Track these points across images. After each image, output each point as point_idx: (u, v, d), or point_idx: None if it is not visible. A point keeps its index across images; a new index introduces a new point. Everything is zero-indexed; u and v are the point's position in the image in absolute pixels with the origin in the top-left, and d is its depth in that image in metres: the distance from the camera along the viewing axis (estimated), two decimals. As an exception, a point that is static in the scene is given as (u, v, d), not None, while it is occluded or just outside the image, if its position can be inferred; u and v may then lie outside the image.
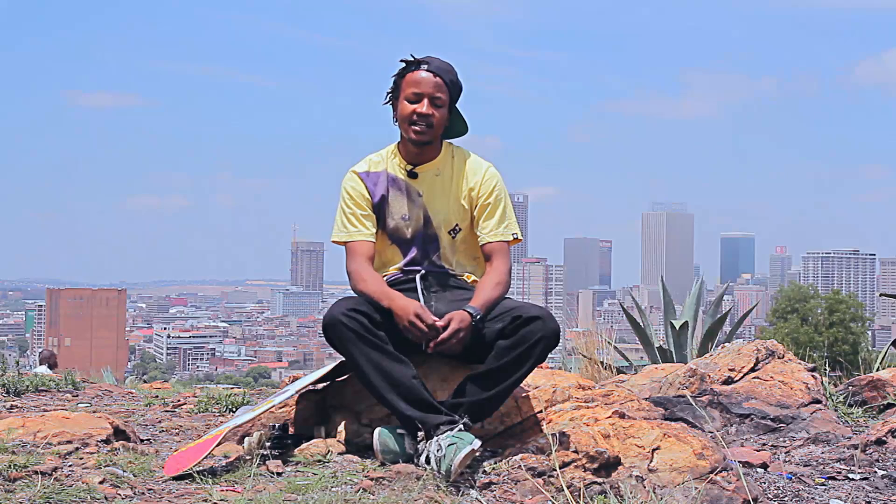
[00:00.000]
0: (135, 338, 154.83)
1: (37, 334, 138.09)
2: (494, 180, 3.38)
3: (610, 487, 2.68)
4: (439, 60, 3.29)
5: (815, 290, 29.99)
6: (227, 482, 2.78)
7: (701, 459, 2.78)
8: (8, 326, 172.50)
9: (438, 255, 3.36)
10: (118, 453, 3.08)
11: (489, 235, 3.35)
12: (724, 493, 2.63)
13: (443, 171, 3.36)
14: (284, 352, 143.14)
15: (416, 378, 3.04)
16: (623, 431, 2.94)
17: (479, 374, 3.09)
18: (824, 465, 3.19)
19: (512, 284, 3.35)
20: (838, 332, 25.45)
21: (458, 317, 3.06)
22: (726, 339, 7.24)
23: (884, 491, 2.90)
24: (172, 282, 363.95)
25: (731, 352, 4.21)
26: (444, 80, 3.26)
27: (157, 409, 4.38)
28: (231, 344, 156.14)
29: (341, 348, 3.08)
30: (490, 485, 2.78)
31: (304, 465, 3.00)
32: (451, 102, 3.32)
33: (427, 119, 3.24)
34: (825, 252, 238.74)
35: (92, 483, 2.66)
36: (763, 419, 3.70)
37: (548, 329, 3.06)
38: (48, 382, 4.95)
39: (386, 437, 3.03)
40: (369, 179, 3.38)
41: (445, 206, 3.35)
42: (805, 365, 4.09)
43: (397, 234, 3.37)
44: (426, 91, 3.24)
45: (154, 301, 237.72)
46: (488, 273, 3.30)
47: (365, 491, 2.68)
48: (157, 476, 2.86)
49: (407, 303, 3.10)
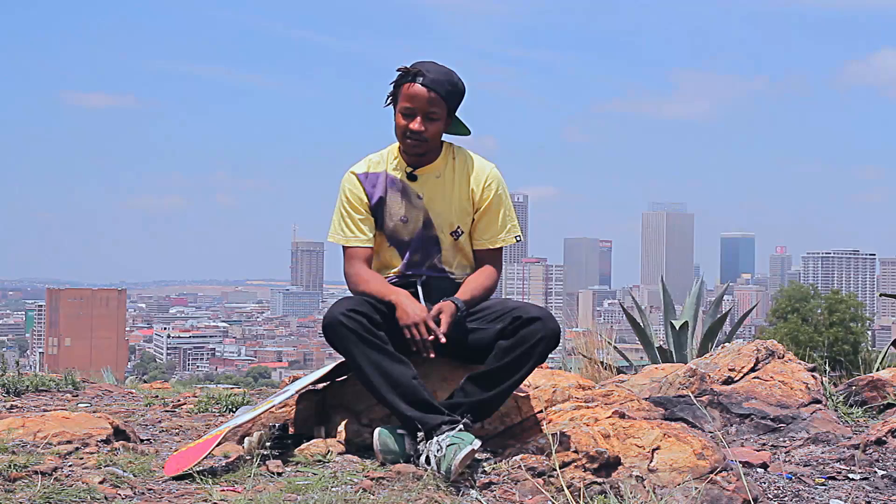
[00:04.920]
0: (135, 338, 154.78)
1: (37, 334, 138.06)
2: (496, 183, 3.37)
3: (610, 487, 2.68)
4: (437, 69, 3.21)
5: (815, 290, 29.97)
6: (227, 482, 2.79)
7: (701, 459, 2.78)
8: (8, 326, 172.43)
9: (440, 257, 3.36)
10: (118, 453, 3.08)
11: (489, 241, 3.37)
12: (724, 493, 2.63)
13: (444, 173, 3.35)
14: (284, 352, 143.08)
15: (417, 378, 3.05)
16: (623, 431, 2.94)
17: (480, 375, 3.09)
18: (824, 465, 3.19)
19: (512, 284, 3.37)
20: (838, 332, 25.43)
21: (447, 309, 3.11)
22: (726, 339, 7.24)
23: (884, 491, 2.90)
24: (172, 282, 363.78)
25: (731, 352, 4.21)
26: (439, 93, 3.18)
27: (157, 409, 4.38)
28: (231, 344, 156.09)
29: (341, 348, 3.08)
30: (490, 485, 2.78)
31: (304, 465, 3.00)
32: (451, 110, 3.27)
33: (418, 136, 3.22)
34: (825, 252, 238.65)
35: (92, 483, 2.66)
36: (763, 419, 3.70)
37: (548, 329, 3.06)
38: (48, 382, 4.95)
39: (386, 437, 3.03)
40: (367, 181, 3.37)
41: (447, 209, 3.34)
42: (805, 365, 4.10)
43: (395, 235, 3.37)
44: (419, 107, 3.19)
45: (154, 301, 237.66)
46: (481, 272, 3.34)
47: (365, 491, 2.68)
48: (157, 476, 2.87)
49: (415, 305, 3.11)
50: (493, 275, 3.34)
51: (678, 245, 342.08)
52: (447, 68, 3.26)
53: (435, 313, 3.10)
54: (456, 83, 3.25)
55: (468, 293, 3.22)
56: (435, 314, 3.09)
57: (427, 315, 3.08)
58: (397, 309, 3.11)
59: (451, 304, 3.13)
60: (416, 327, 3.05)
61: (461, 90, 3.27)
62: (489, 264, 3.37)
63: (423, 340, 3.04)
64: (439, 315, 3.09)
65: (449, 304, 3.13)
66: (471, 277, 3.33)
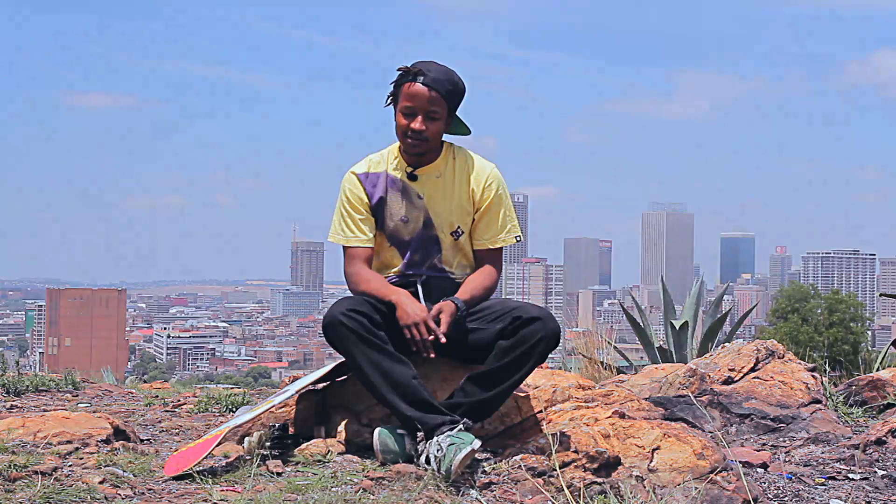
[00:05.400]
0: (135, 338, 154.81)
1: (37, 334, 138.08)
2: (496, 183, 3.37)
3: (610, 487, 2.68)
4: (437, 69, 3.22)
5: (815, 290, 29.98)
6: (227, 482, 2.78)
7: (701, 459, 2.78)
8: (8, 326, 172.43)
9: (440, 257, 3.37)
10: (118, 453, 3.08)
11: (489, 241, 3.37)
12: (724, 493, 2.63)
13: (444, 173, 3.35)
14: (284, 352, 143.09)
15: (417, 378, 3.05)
16: (623, 431, 2.94)
17: (480, 375, 3.10)
18: (824, 465, 3.19)
19: (512, 284, 3.38)
20: (838, 332, 25.44)
21: (447, 309, 3.11)
22: (726, 339, 7.23)
23: (884, 491, 2.90)
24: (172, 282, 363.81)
25: (731, 352, 4.21)
26: (439, 92, 3.19)
27: (157, 409, 4.38)
28: (231, 344, 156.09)
29: (341, 348, 3.08)
30: (490, 485, 2.78)
31: (304, 465, 3.00)
32: (452, 109, 3.28)
33: (420, 135, 3.22)
34: (825, 252, 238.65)
35: (92, 483, 2.66)
36: (763, 419, 3.70)
37: (548, 329, 3.07)
38: (48, 382, 4.95)
39: (386, 437, 3.03)
40: (368, 181, 3.37)
41: (447, 208, 3.34)
42: (805, 365, 4.09)
43: (396, 235, 3.37)
44: (420, 105, 3.19)
45: (154, 301, 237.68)
46: (481, 272, 3.34)
47: (365, 491, 2.68)
48: (157, 476, 2.86)
49: (415, 304, 3.11)
50: (493, 275, 3.35)
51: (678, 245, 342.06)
52: (447, 68, 3.26)
53: (435, 313, 3.10)
54: (456, 82, 3.25)
55: (468, 293, 3.22)
56: (435, 314, 3.09)
57: (427, 315, 3.08)
58: (397, 309, 3.11)
59: (452, 303, 3.13)
60: (416, 327, 3.06)
61: (461, 89, 3.28)
62: (489, 264, 3.37)
63: (424, 340, 3.05)
64: (439, 315, 3.10)
65: (449, 303, 3.13)
66: (470, 277, 3.33)
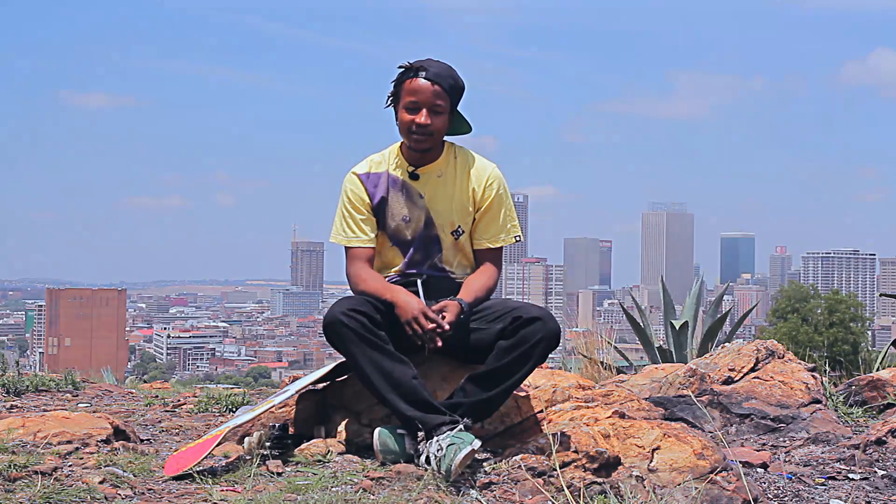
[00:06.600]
0: (135, 338, 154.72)
1: (37, 334, 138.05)
2: (497, 183, 3.37)
3: (610, 487, 2.68)
4: (438, 65, 3.24)
5: (815, 290, 29.99)
6: (227, 482, 2.79)
7: (701, 459, 2.78)
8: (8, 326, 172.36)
9: (440, 256, 3.37)
10: (118, 453, 3.08)
11: (489, 241, 3.37)
12: (724, 493, 2.63)
13: (445, 173, 3.35)
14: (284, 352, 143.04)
15: (417, 378, 3.05)
16: (623, 431, 2.94)
17: (480, 375, 3.10)
18: (824, 465, 3.19)
19: (512, 284, 3.38)
20: (838, 332, 25.46)
21: (452, 307, 3.11)
22: (726, 339, 7.24)
23: (884, 491, 2.90)
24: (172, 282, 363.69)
25: (731, 352, 4.21)
26: (442, 86, 3.21)
27: (157, 409, 4.38)
28: (231, 344, 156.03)
29: (341, 348, 3.08)
30: (490, 485, 2.78)
31: (304, 465, 3.00)
32: (453, 106, 3.29)
33: (425, 129, 3.23)
34: (825, 252, 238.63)
35: (92, 483, 2.66)
36: (763, 419, 3.70)
37: (548, 330, 3.07)
38: (48, 382, 4.95)
39: (386, 437, 3.03)
40: (369, 181, 3.37)
41: (448, 208, 3.35)
42: (805, 365, 4.09)
43: (398, 235, 3.37)
44: (424, 100, 3.21)
45: (154, 301, 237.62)
46: (482, 271, 3.34)
47: (365, 491, 2.68)
48: (157, 476, 2.87)
49: (411, 299, 3.11)
50: (494, 274, 3.35)
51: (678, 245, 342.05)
52: (447, 64, 3.29)
53: (438, 309, 3.09)
54: (457, 79, 3.28)
55: (472, 294, 3.21)
56: (438, 310, 3.09)
57: (425, 306, 3.08)
58: (396, 307, 3.11)
59: (457, 303, 3.13)
60: (415, 321, 3.06)
61: (462, 86, 3.30)
62: (489, 264, 3.37)
63: (427, 332, 3.04)
64: (443, 310, 3.09)
65: (454, 303, 3.13)
66: (472, 277, 3.33)
